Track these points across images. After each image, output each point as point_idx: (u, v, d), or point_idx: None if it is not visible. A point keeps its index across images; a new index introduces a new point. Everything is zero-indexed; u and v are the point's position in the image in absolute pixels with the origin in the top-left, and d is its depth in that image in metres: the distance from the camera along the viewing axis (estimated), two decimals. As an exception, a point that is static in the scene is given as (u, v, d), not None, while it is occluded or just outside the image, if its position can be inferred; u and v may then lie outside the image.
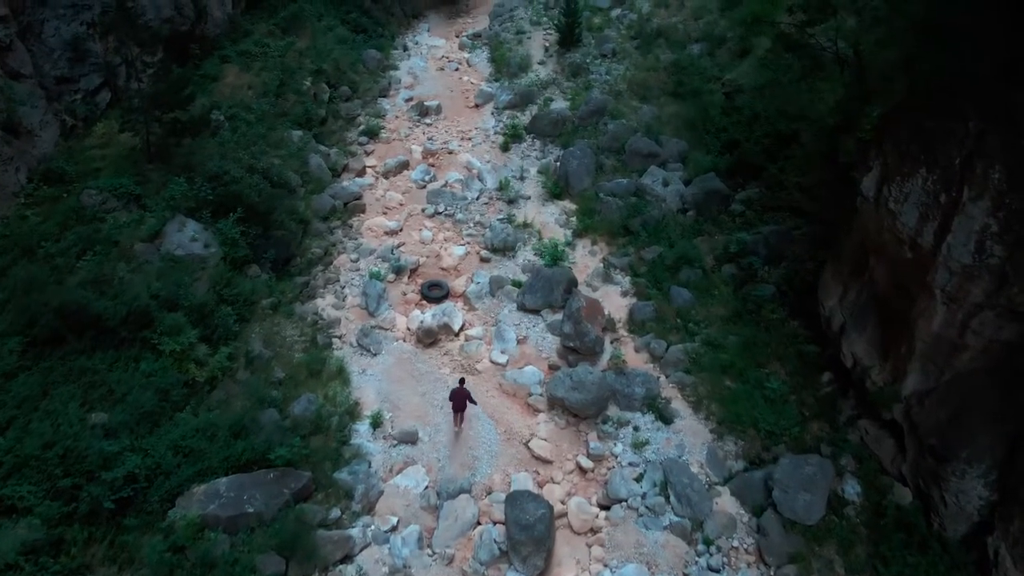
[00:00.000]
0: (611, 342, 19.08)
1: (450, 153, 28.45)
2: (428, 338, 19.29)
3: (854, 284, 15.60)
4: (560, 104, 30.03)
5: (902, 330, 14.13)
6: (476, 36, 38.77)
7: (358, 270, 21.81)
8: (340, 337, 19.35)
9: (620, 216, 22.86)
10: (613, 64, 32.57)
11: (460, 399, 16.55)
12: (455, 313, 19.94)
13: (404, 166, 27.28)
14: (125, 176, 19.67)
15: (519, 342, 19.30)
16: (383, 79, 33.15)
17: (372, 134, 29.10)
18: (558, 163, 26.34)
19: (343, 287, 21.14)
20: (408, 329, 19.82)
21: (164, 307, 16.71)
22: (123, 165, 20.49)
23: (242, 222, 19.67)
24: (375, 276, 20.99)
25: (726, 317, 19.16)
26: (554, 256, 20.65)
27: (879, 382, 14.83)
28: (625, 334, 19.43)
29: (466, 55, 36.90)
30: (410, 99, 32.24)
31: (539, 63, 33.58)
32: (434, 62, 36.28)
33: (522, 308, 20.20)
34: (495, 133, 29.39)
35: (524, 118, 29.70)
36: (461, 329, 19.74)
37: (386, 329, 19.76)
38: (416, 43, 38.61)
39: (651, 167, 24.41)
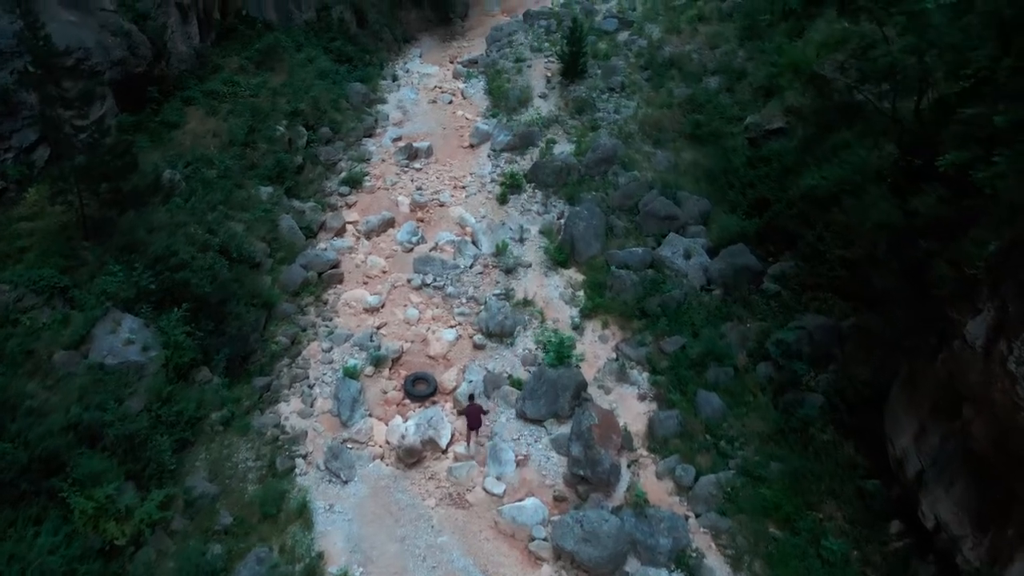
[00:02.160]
0: (628, 465, 15.98)
1: (441, 206, 25.35)
2: (410, 458, 16.17)
3: (936, 427, 12.49)
4: (564, 147, 26.89)
5: (1008, 505, 11.04)
6: (472, 63, 35.61)
7: (331, 362, 18.69)
8: (305, 457, 16.20)
9: (635, 295, 19.75)
10: (622, 100, 29.45)
11: (474, 416, 16.22)
12: (442, 423, 16.80)
13: (389, 224, 24.18)
14: (50, 263, 16.45)
15: (518, 463, 16.17)
16: (369, 116, 30.01)
17: (354, 183, 26.01)
18: (562, 221, 23.30)
19: (312, 386, 18.01)
20: (387, 442, 16.71)
21: (83, 440, 13.64)
22: (53, 244, 17.32)
23: (191, 317, 16.60)
24: (350, 373, 17.85)
25: (765, 435, 16.05)
26: (559, 353, 17.50)
27: (974, 560, 11.72)
28: (645, 453, 16.32)
29: (461, 85, 33.76)
30: (398, 139, 29.12)
31: (540, 96, 30.46)
32: (426, 93, 33.17)
33: (522, 417, 17.09)
34: (491, 181, 26.27)
35: (524, 163, 26.59)
36: (449, 444, 16.63)
37: (361, 443, 16.64)
38: (407, 71, 35.51)
39: (670, 234, 21.27)
